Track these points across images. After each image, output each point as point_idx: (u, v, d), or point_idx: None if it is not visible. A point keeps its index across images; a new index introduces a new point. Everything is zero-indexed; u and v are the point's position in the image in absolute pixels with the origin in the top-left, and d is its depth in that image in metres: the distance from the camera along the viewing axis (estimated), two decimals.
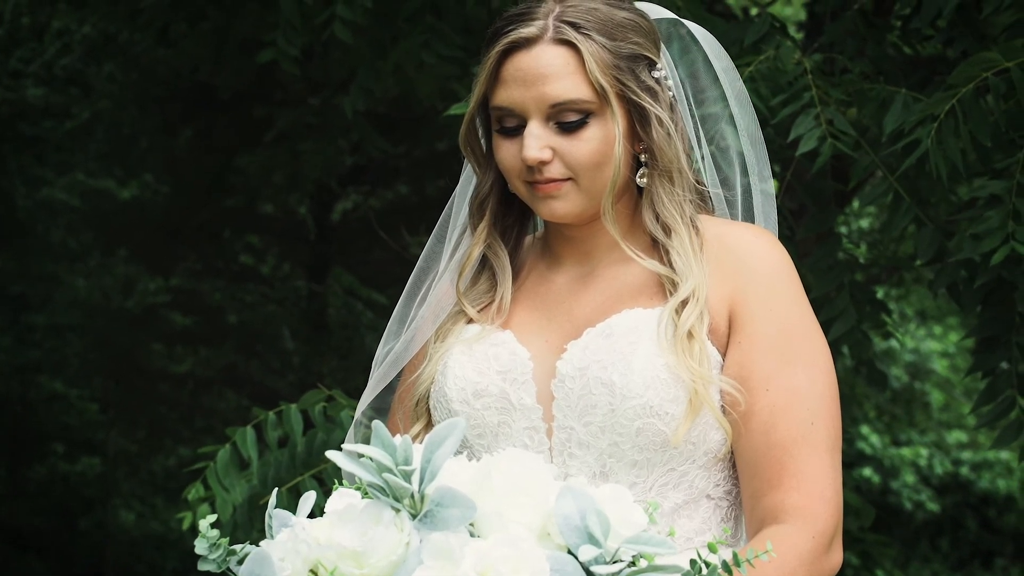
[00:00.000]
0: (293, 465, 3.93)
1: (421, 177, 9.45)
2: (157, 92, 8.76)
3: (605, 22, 2.36)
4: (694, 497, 2.37)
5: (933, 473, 12.72)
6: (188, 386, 10.28)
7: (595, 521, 2.02)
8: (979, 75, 3.61)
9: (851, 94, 3.99)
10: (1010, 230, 3.58)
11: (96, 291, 10.00)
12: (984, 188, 3.68)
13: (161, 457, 10.68)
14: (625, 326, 2.35)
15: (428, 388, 2.46)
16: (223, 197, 9.29)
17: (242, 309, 9.89)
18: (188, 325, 10.15)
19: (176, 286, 10.03)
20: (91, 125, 9.48)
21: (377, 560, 2.00)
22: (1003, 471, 12.94)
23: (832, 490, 2.31)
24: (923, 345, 12.45)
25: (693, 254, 2.37)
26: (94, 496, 10.95)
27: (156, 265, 9.93)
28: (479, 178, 2.50)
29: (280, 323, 9.58)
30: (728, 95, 2.54)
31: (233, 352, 9.95)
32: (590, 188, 2.38)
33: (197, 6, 7.59)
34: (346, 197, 10.04)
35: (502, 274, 2.48)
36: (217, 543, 2.05)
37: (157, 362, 10.34)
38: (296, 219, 9.80)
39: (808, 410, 2.32)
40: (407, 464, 2.02)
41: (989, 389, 4.05)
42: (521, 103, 2.36)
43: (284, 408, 3.95)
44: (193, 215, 9.34)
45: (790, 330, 2.35)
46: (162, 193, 9.77)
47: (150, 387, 10.14)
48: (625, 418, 2.31)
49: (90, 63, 9.21)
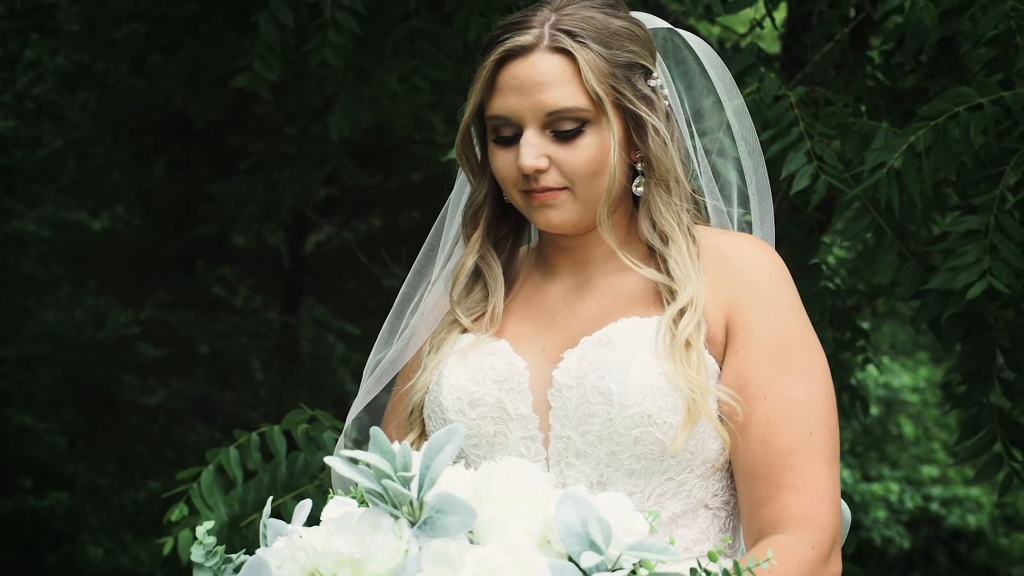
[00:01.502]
0: (275, 487, 3.90)
1: (394, 209, 9.46)
2: (131, 122, 8.74)
3: (601, 30, 2.36)
4: (692, 507, 2.36)
5: (904, 508, 12.73)
6: (159, 419, 10.21)
7: (596, 528, 2.00)
8: (951, 109, 3.64)
9: (835, 127, 4.02)
10: (987, 266, 3.59)
11: (67, 323, 9.94)
12: (961, 223, 3.69)
13: (131, 491, 10.58)
14: (622, 335, 2.34)
15: (422, 398, 2.45)
16: (196, 227, 9.26)
17: (214, 340, 9.84)
18: (159, 357, 10.09)
19: (147, 318, 9.98)
20: (63, 156, 9.44)
21: (376, 567, 1.98)
22: (973, 507, 12.96)
23: (831, 500, 2.30)
24: (895, 380, 12.48)
25: (691, 262, 2.37)
26: (62, 531, 10.84)
27: (127, 297, 9.87)
28: (473, 187, 2.49)
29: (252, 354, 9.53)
30: (725, 104, 2.54)
31: (205, 384, 9.90)
32: (586, 197, 2.37)
33: (172, 37, 7.59)
34: (320, 229, 10.02)
35: (494, 284, 2.47)
36: (213, 550, 2.02)
37: (128, 394, 10.26)
38: (269, 250, 9.78)
39: (806, 419, 2.31)
40: (406, 470, 2.00)
41: (970, 424, 4.07)
42: (517, 111, 2.35)
43: (267, 429, 3.92)
44: (165, 246, 9.31)
45: (788, 340, 2.35)
46: (134, 224, 9.72)
47: (120, 420, 10.06)
48: (623, 427, 2.30)
49: (63, 93, 9.18)
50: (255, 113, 8.40)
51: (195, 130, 8.33)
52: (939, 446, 12.94)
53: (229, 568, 2.05)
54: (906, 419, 12.68)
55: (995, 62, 3.92)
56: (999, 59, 3.90)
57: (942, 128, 3.64)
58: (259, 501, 3.87)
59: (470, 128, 2.45)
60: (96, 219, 10.05)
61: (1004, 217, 3.57)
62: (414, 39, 5.20)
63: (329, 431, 3.91)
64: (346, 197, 9.58)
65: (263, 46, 4.73)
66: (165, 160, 9.08)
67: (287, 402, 9.25)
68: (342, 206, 9.71)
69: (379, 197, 9.42)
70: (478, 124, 2.45)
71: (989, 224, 3.60)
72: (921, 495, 12.83)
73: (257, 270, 9.87)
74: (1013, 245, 3.56)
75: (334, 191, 9.65)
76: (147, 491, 10.50)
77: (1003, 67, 3.87)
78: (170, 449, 10.21)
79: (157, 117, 8.52)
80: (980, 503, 12.90)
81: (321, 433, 3.91)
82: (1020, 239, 3.58)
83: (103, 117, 8.87)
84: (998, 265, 3.56)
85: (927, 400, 12.68)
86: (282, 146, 7.95)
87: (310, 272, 9.88)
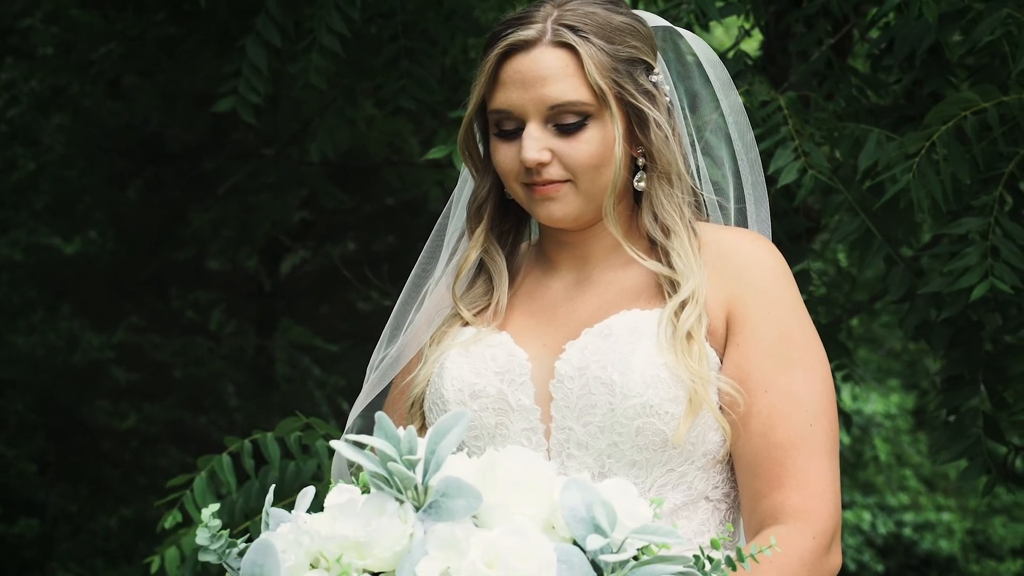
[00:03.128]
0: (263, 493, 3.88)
1: (369, 233, 9.46)
2: (106, 145, 8.71)
3: (603, 26, 2.38)
4: (693, 498, 2.37)
5: (876, 534, 12.76)
6: (132, 444, 10.14)
7: (601, 512, 2.00)
8: (956, 114, 3.67)
9: (825, 131, 4.05)
10: (988, 266, 3.62)
11: (39, 347, 9.87)
12: (962, 225, 3.73)
13: (103, 517, 10.49)
14: (624, 326, 2.36)
15: (423, 391, 2.45)
16: (170, 251, 9.23)
17: (187, 364, 9.80)
18: (133, 381, 10.03)
19: (120, 342, 9.92)
20: (37, 179, 9.40)
21: (381, 551, 1.97)
22: (944, 532, 13.01)
23: (831, 492, 2.31)
24: (867, 407, 12.54)
25: (693, 255, 2.39)
26: (32, 558, 10.73)
27: (100, 320, 9.82)
28: (477, 182, 2.51)
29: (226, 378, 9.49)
30: (721, 102, 2.57)
31: (178, 408, 9.84)
32: (589, 190, 2.39)
33: (150, 58, 7.59)
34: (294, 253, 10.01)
35: (499, 278, 2.49)
36: (218, 534, 2.02)
37: (100, 419, 10.20)
38: (243, 273, 9.75)
39: (807, 412, 2.33)
40: (411, 455, 2.00)
41: (956, 427, 4.09)
42: (520, 105, 2.37)
43: (260, 436, 3.91)
44: (139, 270, 9.27)
45: (788, 334, 2.37)
46: (108, 248, 9.68)
47: (93, 445, 9.99)
48: (625, 417, 2.31)
49: (38, 116, 9.15)
50: (232, 136, 8.40)
51: (170, 153, 8.32)
52: (911, 473, 12.99)
53: (234, 552, 2.05)
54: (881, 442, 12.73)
55: (983, 70, 3.96)
56: (986, 67, 3.94)
57: (953, 132, 3.67)
58: (249, 510, 3.85)
59: (472, 123, 2.46)
60: (69, 243, 10.00)
61: (1004, 219, 3.61)
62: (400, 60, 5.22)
63: (322, 439, 3.90)
64: (320, 221, 9.58)
65: (249, 68, 4.73)
66: (139, 183, 9.06)
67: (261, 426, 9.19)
68: (316, 230, 9.71)
69: (354, 221, 9.43)
70: (480, 119, 2.47)
71: (990, 225, 3.63)
72: (894, 521, 12.87)
73: (232, 293, 9.84)
74: (1014, 246, 3.59)
75: (308, 215, 9.65)
76: (118, 517, 10.42)
77: (990, 74, 3.91)
78: (142, 475, 10.13)
79: (132, 140, 8.50)
80: (952, 529, 12.94)
81: (314, 441, 3.90)
82: (1021, 240, 3.61)
83: (78, 140, 8.85)
84: (1000, 266, 3.59)
85: (899, 427, 12.73)
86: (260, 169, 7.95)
87: (284, 296, 9.86)
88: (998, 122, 3.63)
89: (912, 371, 11.97)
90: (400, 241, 9.22)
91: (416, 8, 5.31)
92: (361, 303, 9.83)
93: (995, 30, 3.69)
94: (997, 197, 3.63)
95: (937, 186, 3.62)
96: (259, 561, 1.95)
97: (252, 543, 1.99)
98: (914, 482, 13.03)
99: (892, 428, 12.82)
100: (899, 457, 12.92)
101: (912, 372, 12.01)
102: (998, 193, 3.63)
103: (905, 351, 10.27)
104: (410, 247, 8.56)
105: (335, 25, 4.63)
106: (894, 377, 12.59)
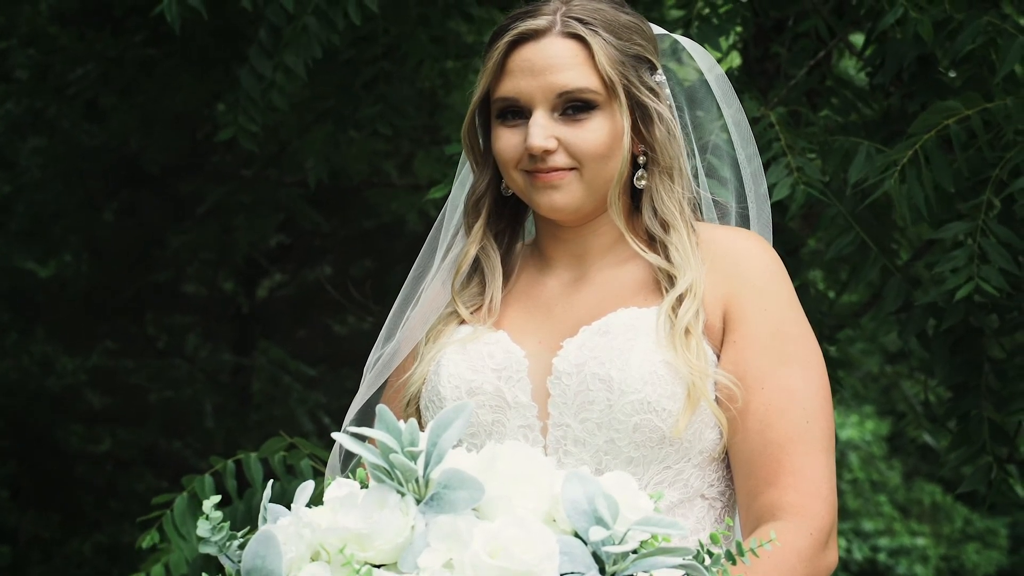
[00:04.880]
0: (250, 516, 3.83)
1: (347, 257, 9.44)
2: (83, 167, 8.67)
3: (611, 22, 2.42)
4: (689, 496, 2.38)
5: (852, 559, 12.78)
6: (106, 468, 10.06)
7: (603, 504, 2.00)
8: (940, 123, 3.70)
9: (815, 144, 4.08)
10: (975, 269, 3.65)
11: (13, 371, 9.79)
12: (949, 230, 3.76)
13: (76, 542, 10.40)
14: (622, 323, 2.37)
15: (419, 388, 2.46)
16: (146, 274, 9.18)
17: (163, 387, 9.74)
18: (108, 404, 9.96)
19: (95, 365, 9.86)
20: (12, 202, 9.35)
21: (383, 543, 1.97)
22: (919, 558, 13.03)
23: (828, 489, 2.32)
24: (841, 433, 12.56)
25: (691, 251, 2.40)
26: None
27: (75, 344, 9.75)
28: (476, 176, 2.52)
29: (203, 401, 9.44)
30: (723, 110, 2.60)
31: (154, 432, 9.78)
32: (592, 180, 2.41)
33: (128, 79, 7.57)
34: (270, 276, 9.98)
35: (491, 275, 2.50)
36: (219, 525, 2.01)
37: (75, 443, 10.12)
38: (221, 297, 9.71)
39: (804, 409, 2.34)
40: (413, 447, 2.00)
41: (961, 434, 4.10)
42: (527, 92, 2.39)
43: (243, 456, 3.86)
44: (115, 292, 9.21)
45: (784, 332, 2.38)
46: (83, 270, 9.63)
47: (66, 469, 9.91)
48: (623, 413, 2.32)
49: (14, 139, 9.10)
50: (211, 158, 8.38)
51: (147, 175, 8.28)
52: (886, 499, 13.01)
53: (234, 544, 2.04)
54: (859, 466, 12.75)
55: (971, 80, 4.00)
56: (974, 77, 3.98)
57: (935, 141, 3.70)
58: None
59: (475, 114, 2.49)
60: (44, 266, 9.94)
61: (991, 222, 3.64)
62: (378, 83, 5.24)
63: (307, 459, 3.85)
64: (298, 244, 9.56)
65: (246, 99, 4.74)
66: (116, 206, 9.02)
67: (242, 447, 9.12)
68: (294, 253, 9.69)
69: (331, 245, 9.41)
70: (482, 112, 2.48)
71: (977, 228, 3.66)
72: (869, 546, 12.89)
73: (209, 316, 9.79)
74: (1001, 247, 3.62)
75: (286, 238, 9.63)
76: (92, 543, 10.33)
77: (979, 84, 3.95)
78: (116, 500, 10.05)
79: (109, 162, 8.46)
80: (927, 555, 12.97)
81: (299, 461, 3.85)
82: (1007, 241, 3.64)
83: (54, 163, 8.81)
84: (986, 268, 3.62)
85: (874, 453, 12.76)
86: (238, 190, 7.93)
87: (261, 320, 9.83)
88: (982, 129, 3.66)
89: (887, 398, 11.99)
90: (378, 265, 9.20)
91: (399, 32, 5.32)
92: (338, 327, 9.80)
93: (976, 38, 3.74)
94: (985, 201, 3.66)
95: (920, 194, 3.65)
96: (261, 552, 1.95)
97: (253, 535, 1.98)
98: (889, 508, 13.05)
99: (867, 454, 12.84)
100: (873, 483, 12.94)
101: (887, 399, 12.03)
102: (986, 197, 3.65)
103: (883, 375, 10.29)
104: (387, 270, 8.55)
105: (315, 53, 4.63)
106: (869, 403, 12.62)
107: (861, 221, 3.91)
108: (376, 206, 8.78)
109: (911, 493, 13.43)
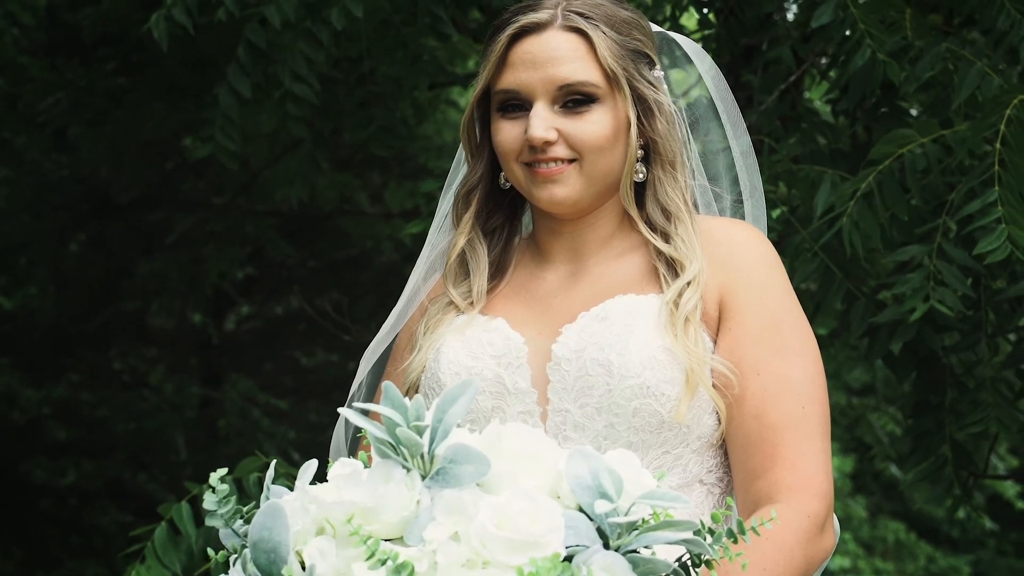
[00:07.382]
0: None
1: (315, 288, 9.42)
2: (50, 199, 8.63)
3: (612, 17, 2.46)
4: (687, 481, 2.40)
5: None
6: (70, 502, 9.97)
7: (607, 479, 2.02)
8: (895, 151, 3.77)
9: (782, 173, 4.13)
10: (930, 290, 3.70)
11: None
12: (907, 252, 3.82)
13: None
14: (620, 310, 2.39)
15: (418, 376, 2.47)
16: (113, 305, 9.14)
17: (129, 420, 9.67)
18: (73, 437, 9.88)
19: (60, 397, 9.79)
20: None
21: (388, 516, 1.97)
22: None
23: (824, 473, 2.35)
24: None
25: (695, 240, 2.44)
26: None
27: (39, 376, 9.68)
28: (470, 167, 2.55)
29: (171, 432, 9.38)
30: (717, 104, 2.64)
31: (119, 465, 9.70)
32: (592, 173, 2.43)
33: (98, 108, 7.56)
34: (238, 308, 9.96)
35: (476, 266, 2.53)
36: (225, 499, 2.01)
37: (39, 476, 10.03)
38: (188, 328, 9.68)
39: (799, 395, 2.36)
40: (419, 421, 2.01)
41: (922, 450, 4.15)
42: (528, 85, 2.42)
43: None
44: (81, 325, 9.16)
45: (780, 320, 2.41)
46: (48, 303, 9.57)
47: (30, 503, 9.81)
48: (622, 398, 2.33)
49: None
50: (181, 187, 8.37)
51: (115, 206, 8.26)
52: (850, 536, 13.04)
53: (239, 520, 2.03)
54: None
55: (933, 105, 4.06)
56: (936, 102, 4.05)
57: (889, 171, 3.76)
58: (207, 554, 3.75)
59: (474, 107, 2.52)
60: (9, 298, 9.88)
61: (948, 244, 3.69)
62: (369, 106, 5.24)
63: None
64: (265, 275, 9.55)
65: (223, 117, 4.74)
66: (83, 237, 8.99)
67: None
68: (261, 284, 9.67)
69: (299, 276, 9.40)
70: (480, 106, 2.51)
71: (933, 251, 3.71)
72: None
73: (174, 349, 9.75)
74: (956, 269, 3.68)
75: (253, 270, 9.61)
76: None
77: (941, 110, 4.01)
78: (79, 534, 9.95)
79: (77, 193, 8.43)
80: None
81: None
82: (963, 264, 3.69)
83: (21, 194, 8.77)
84: (941, 290, 3.67)
85: (839, 489, 12.78)
86: (208, 219, 7.92)
87: (228, 351, 9.80)
88: (939, 156, 3.73)
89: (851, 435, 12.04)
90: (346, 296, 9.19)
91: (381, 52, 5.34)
92: (305, 359, 9.79)
93: (935, 65, 3.81)
94: (941, 224, 3.72)
95: (875, 226, 3.71)
96: (268, 524, 1.95)
97: (261, 507, 1.98)
98: (853, 545, 13.07)
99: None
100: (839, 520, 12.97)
101: (851, 436, 12.07)
102: (941, 221, 3.71)
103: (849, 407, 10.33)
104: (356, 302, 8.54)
105: (300, 70, 4.65)
106: (834, 440, 12.66)
107: (827, 249, 3.97)
108: (348, 234, 8.78)
109: (875, 530, 13.47)
